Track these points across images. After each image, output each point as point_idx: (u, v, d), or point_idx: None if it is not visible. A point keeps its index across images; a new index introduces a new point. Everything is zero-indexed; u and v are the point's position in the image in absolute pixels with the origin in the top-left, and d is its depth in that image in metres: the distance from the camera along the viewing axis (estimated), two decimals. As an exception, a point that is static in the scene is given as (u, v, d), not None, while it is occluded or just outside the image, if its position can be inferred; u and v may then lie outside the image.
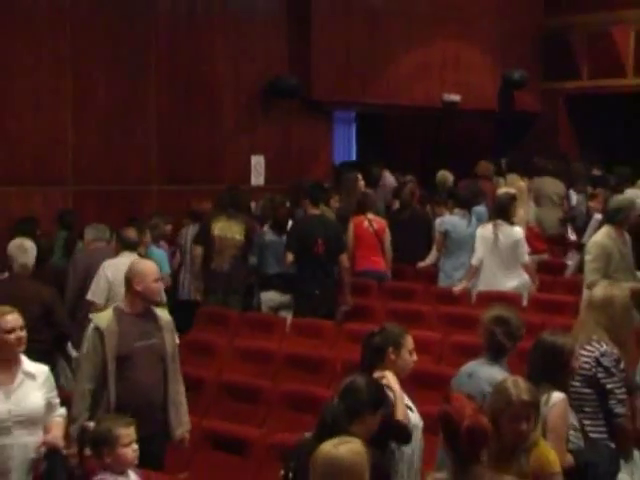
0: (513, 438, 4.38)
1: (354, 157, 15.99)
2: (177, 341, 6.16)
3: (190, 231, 10.36)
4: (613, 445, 5.41)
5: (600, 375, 5.45)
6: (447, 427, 4.06)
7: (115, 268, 8.20)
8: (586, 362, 5.47)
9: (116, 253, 8.45)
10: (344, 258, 9.59)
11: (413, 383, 7.18)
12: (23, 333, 5.06)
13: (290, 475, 4.45)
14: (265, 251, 9.84)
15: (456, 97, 14.68)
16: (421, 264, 10.95)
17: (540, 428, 4.57)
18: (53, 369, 7.62)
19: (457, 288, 9.77)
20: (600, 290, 5.96)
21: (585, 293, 8.26)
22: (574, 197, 11.97)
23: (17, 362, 5.07)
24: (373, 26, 13.57)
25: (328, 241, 9.41)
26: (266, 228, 10.07)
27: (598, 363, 5.48)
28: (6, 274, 7.90)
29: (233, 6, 12.41)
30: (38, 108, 10.63)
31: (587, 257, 8.44)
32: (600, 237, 8.45)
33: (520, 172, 12.59)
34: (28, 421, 4.98)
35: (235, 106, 12.45)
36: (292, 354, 8.24)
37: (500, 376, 5.30)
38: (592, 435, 5.34)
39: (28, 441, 4.98)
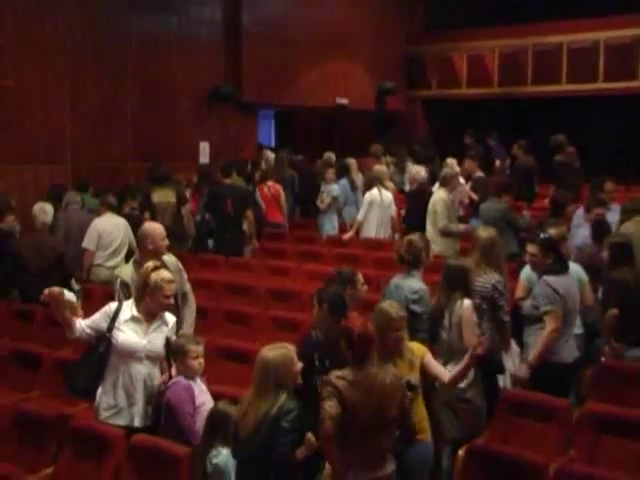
0: (395, 341, 4.40)
1: (273, 143, 15.96)
2: (185, 276, 5.78)
3: None
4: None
5: (496, 296, 5.49)
6: (347, 337, 4.12)
7: (103, 224, 8.23)
8: (485, 286, 5.50)
9: (100, 213, 8.42)
10: (248, 213, 9.55)
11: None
12: (171, 301, 4.78)
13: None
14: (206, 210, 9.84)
15: (345, 101, 14.68)
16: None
17: (407, 332, 4.56)
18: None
19: (346, 236, 9.87)
20: (484, 233, 5.93)
21: (431, 233, 8.39)
22: (392, 167, 12.11)
23: (160, 313, 4.73)
24: (287, 50, 13.48)
25: (234, 202, 9.38)
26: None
27: (494, 287, 5.51)
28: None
29: (185, 34, 12.21)
30: (45, 108, 10.43)
31: (438, 209, 8.59)
32: (442, 196, 8.63)
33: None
34: (155, 356, 4.65)
35: (188, 106, 12.30)
36: (229, 282, 8.25)
37: (416, 285, 5.47)
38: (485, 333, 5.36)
39: (152, 371, 4.65)
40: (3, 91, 10.00)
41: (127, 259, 8.14)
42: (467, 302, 5.10)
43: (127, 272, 5.45)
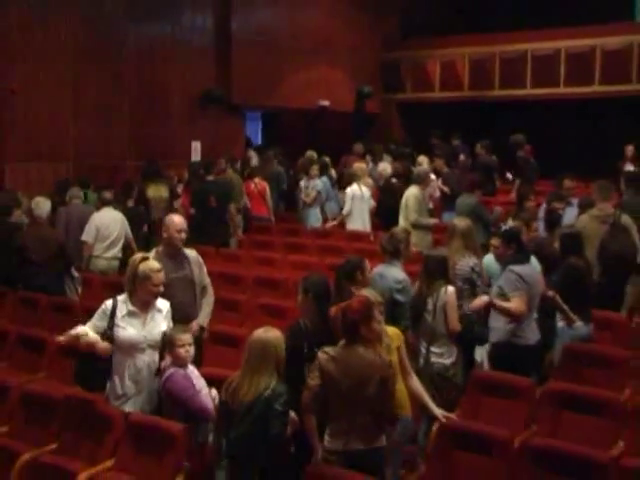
0: (377, 325, 4.29)
1: (260, 142, 15.92)
2: (205, 269, 5.60)
3: None
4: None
5: (474, 277, 5.61)
6: (340, 319, 4.04)
7: (100, 218, 8.21)
8: (464, 269, 5.58)
9: (98, 208, 8.38)
10: (230, 207, 9.56)
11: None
12: (161, 289, 4.65)
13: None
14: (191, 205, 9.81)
15: (327, 103, 14.64)
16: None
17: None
18: (63, 285, 7.65)
19: (329, 225, 9.94)
20: (462, 222, 6.04)
21: (403, 224, 8.43)
22: (370, 164, 12.13)
23: (152, 302, 4.64)
24: (273, 56, 13.45)
25: (218, 197, 9.34)
26: None
27: (472, 269, 5.61)
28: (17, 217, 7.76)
29: (179, 41, 12.19)
30: (49, 110, 10.40)
31: (409, 204, 8.64)
32: (414, 192, 8.72)
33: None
34: (155, 345, 4.55)
35: (181, 108, 12.26)
36: (219, 272, 8.12)
37: (399, 275, 5.49)
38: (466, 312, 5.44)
39: (155, 358, 4.55)
40: (10, 94, 9.99)
41: (124, 251, 8.18)
42: (451, 289, 5.16)
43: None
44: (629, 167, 11.01)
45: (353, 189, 9.71)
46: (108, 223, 8.14)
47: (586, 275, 5.85)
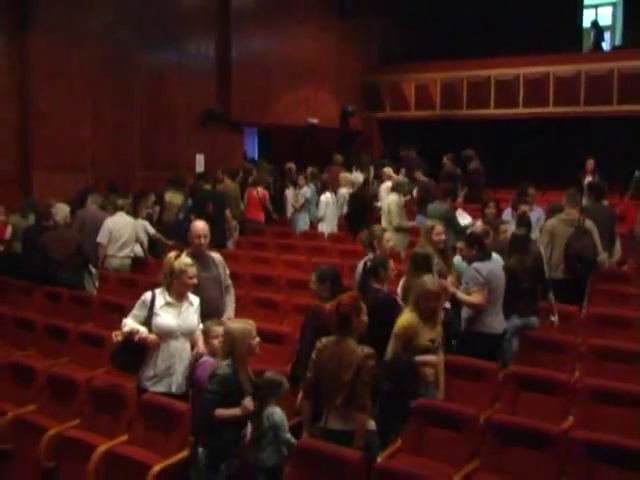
0: (431, 310, 4.48)
1: (256, 155, 15.93)
2: (227, 271, 5.47)
3: None
4: None
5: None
6: (336, 313, 4.06)
7: (113, 222, 8.19)
8: None
9: (112, 213, 8.37)
10: (226, 212, 9.46)
11: (290, 285, 7.32)
12: (195, 281, 4.61)
13: None
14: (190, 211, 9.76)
15: (315, 120, 14.66)
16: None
17: None
18: (82, 280, 7.65)
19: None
20: (427, 223, 6.21)
21: (387, 225, 8.47)
22: (355, 174, 12.15)
23: (186, 295, 4.59)
24: (268, 79, 13.45)
25: (215, 204, 9.16)
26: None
27: None
28: (51, 222, 7.71)
29: (185, 66, 12.17)
30: (71, 127, 10.40)
31: (392, 209, 8.68)
32: (395, 199, 8.77)
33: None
34: (188, 333, 4.52)
35: (186, 124, 12.21)
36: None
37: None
38: None
39: (186, 346, 4.51)
40: (37, 112, 10.01)
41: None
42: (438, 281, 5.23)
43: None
44: (588, 178, 11.03)
45: (327, 196, 9.85)
46: (120, 227, 8.14)
47: (519, 275, 5.78)
